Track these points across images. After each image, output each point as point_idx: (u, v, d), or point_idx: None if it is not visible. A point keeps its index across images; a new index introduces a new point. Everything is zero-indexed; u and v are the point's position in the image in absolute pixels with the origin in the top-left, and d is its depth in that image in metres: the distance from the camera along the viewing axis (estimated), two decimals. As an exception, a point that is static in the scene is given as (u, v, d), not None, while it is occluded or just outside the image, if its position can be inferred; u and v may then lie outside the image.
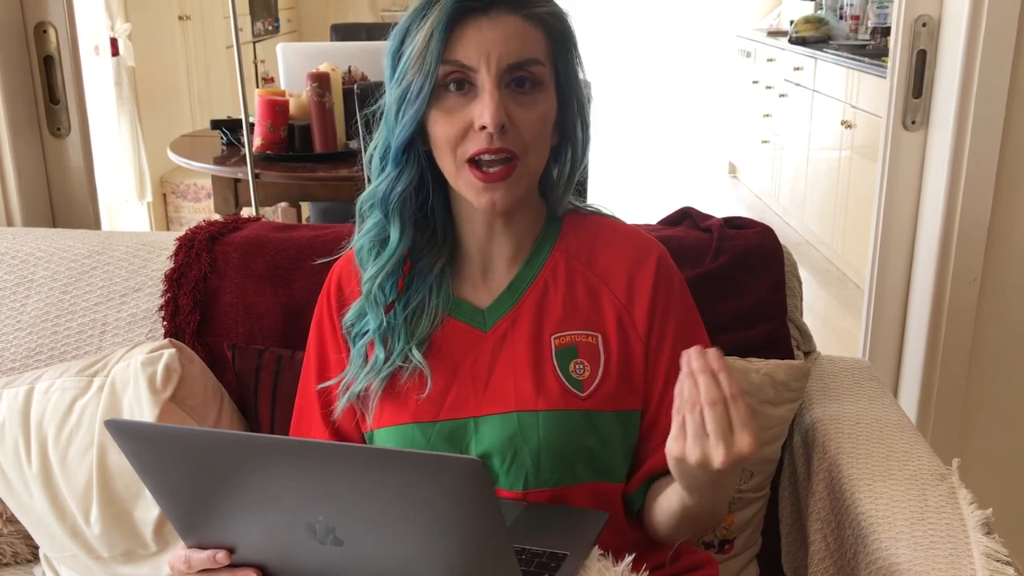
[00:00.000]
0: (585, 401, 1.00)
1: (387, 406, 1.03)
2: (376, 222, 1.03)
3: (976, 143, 1.48)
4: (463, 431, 1.00)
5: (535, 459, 0.98)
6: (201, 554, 0.87)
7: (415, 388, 1.02)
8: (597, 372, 1.01)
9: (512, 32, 0.94)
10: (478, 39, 0.93)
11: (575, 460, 0.99)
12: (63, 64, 1.68)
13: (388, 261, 1.02)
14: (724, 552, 1.28)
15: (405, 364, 1.02)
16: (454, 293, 1.05)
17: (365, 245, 1.04)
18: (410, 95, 0.95)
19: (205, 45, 4.56)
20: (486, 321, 1.03)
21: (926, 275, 1.57)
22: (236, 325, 1.36)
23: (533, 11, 0.96)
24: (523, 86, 0.95)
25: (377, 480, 0.77)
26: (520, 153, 0.95)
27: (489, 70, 0.93)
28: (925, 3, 1.51)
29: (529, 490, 0.99)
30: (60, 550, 1.31)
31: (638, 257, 1.05)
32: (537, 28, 0.96)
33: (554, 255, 1.05)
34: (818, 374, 1.35)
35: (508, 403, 1.00)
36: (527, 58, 0.94)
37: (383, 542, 0.81)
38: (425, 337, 1.03)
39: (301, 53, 3.05)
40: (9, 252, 1.44)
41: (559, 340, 1.02)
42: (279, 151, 2.64)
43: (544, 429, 0.98)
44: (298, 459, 0.80)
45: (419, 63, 0.93)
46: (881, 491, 1.06)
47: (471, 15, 0.93)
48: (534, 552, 0.91)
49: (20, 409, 1.28)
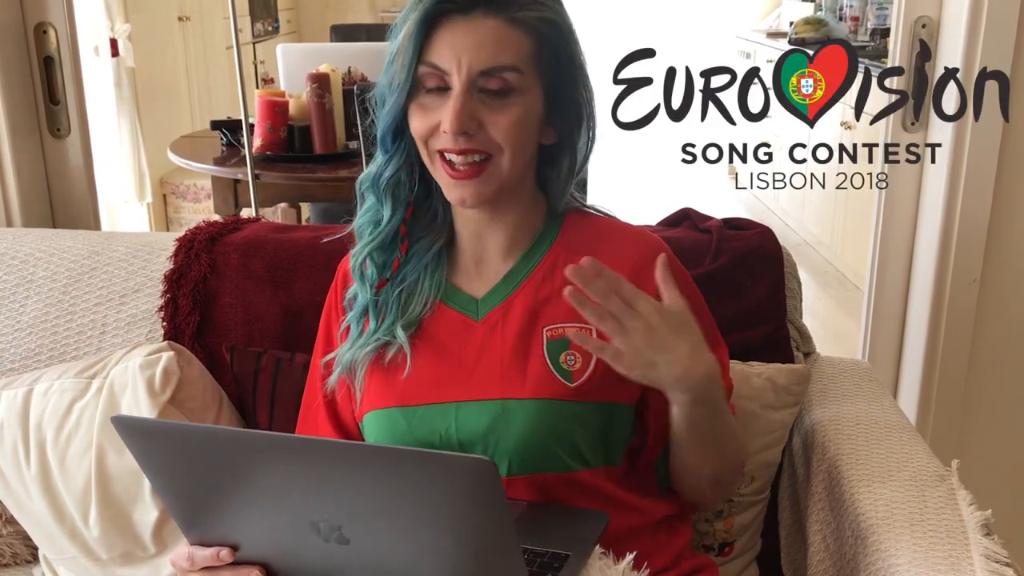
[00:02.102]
0: (573, 392, 1.00)
1: (373, 383, 1.04)
2: (372, 203, 1.06)
3: (976, 144, 1.48)
4: (444, 416, 1.00)
5: (517, 446, 0.98)
6: (204, 551, 0.87)
7: (400, 368, 1.03)
8: (588, 364, 1.00)
9: (488, 37, 0.94)
10: (451, 42, 0.94)
11: (559, 449, 0.99)
12: (63, 65, 1.67)
13: (376, 237, 1.04)
14: (724, 555, 1.28)
15: (392, 340, 1.03)
16: (448, 281, 1.06)
17: (364, 225, 1.07)
18: (393, 86, 0.98)
19: (205, 46, 4.55)
20: (479, 310, 1.04)
21: (925, 276, 1.57)
22: (236, 326, 1.36)
23: (516, 15, 0.95)
24: (496, 92, 0.95)
25: (384, 479, 0.77)
26: (491, 151, 0.96)
27: (460, 74, 0.94)
28: (925, 4, 1.51)
29: (512, 476, 0.99)
30: (59, 551, 1.30)
31: (643, 255, 1.05)
32: (520, 32, 0.95)
33: (553, 249, 1.06)
34: (817, 375, 1.35)
35: (493, 390, 1.00)
36: (500, 64, 0.94)
37: (389, 541, 0.80)
38: (415, 319, 1.04)
39: (301, 54, 3.05)
40: (9, 253, 1.44)
41: (552, 332, 1.02)
42: (279, 152, 2.64)
43: (528, 416, 0.98)
44: (305, 457, 0.80)
45: (401, 59, 0.96)
46: (881, 492, 1.05)
47: (450, 16, 0.94)
48: (536, 552, 0.91)
49: (19, 410, 1.28)
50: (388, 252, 1.05)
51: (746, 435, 1.23)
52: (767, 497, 1.30)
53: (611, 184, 5.06)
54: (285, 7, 5.68)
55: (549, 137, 1.02)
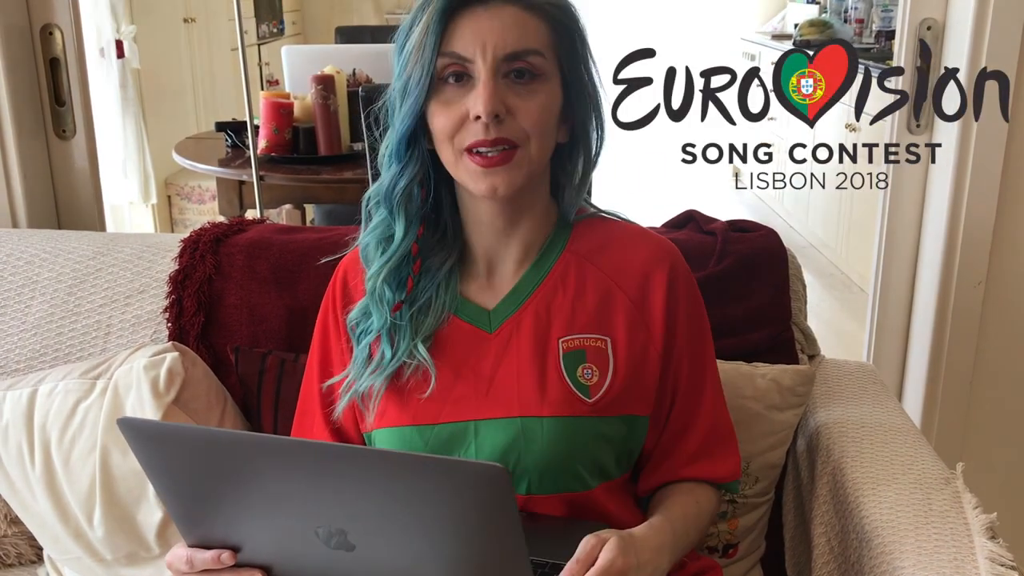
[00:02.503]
0: (592, 407, 0.99)
1: (389, 405, 1.02)
2: (382, 219, 1.03)
3: (981, 145, 1.48)
4: (463, 435, 0.99)
5: (538, 465, 0.97)
6: (205, 554, 0.86)
7: (417, 387, 1.00)
8: (606, 378, 1.00)
9: (510, 22, 0.93)
10: (474, 29, 0.93)
11: (579, 467, 0.99)
12: (69, 66, 1.68)
13: (392, 257, 1.01)
14: (728, 556, 1.28)
15: (409, 360, 1.01)
16: (460, 293, 1.04)
17: (371, 242, 1.04)
18: (409, 87, 0.95)
19: (210, 47, 4.56)
20: (491, 322, 1.03)
21: (930, 278, 1.57)
22: (240, 327, 1.36)
23: (534, 1, 0.95)
24: (522, 77, 0.94)
25: (393, 484, 0.76)
26: (520, 141, 0.95)
27: (485, 60, 0.93)
28: (930, 6, 1.50)
29: (532, 495, 0.98)
30: (63, 552, 1.31)
31: (652, 256, 1.04)
32: (538, 19, 0.95)
33: (564, 257, 1.04)
34: (822, 378, 1.35)
35: (511, 408, 0.99)
36: (525, 48, 0.94)
37: (396, 547, 0.79)
38: (430, 334, 1.02)
39: (306, 55, 3.05)
40: (14, 254, 1.44)
41: (567, 344, 1.01)
42: (283, 153, 2.64)
43: (548, 436, 0.97)
44: (311, 461, 0.78)
45: (418, 55, 0.94)
46: (885, 495, 1.05)
47: (469, 6, 0.93)
48: (537, 563, 0.90)
49: (24, 411, 1.28)
50: (401, 273, 1.02)
51: (750, 436, 1.23)
52: (771, 499, 1.30)
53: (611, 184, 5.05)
54: (290, 9, 5.70)
55: (563, 135, 1.02)
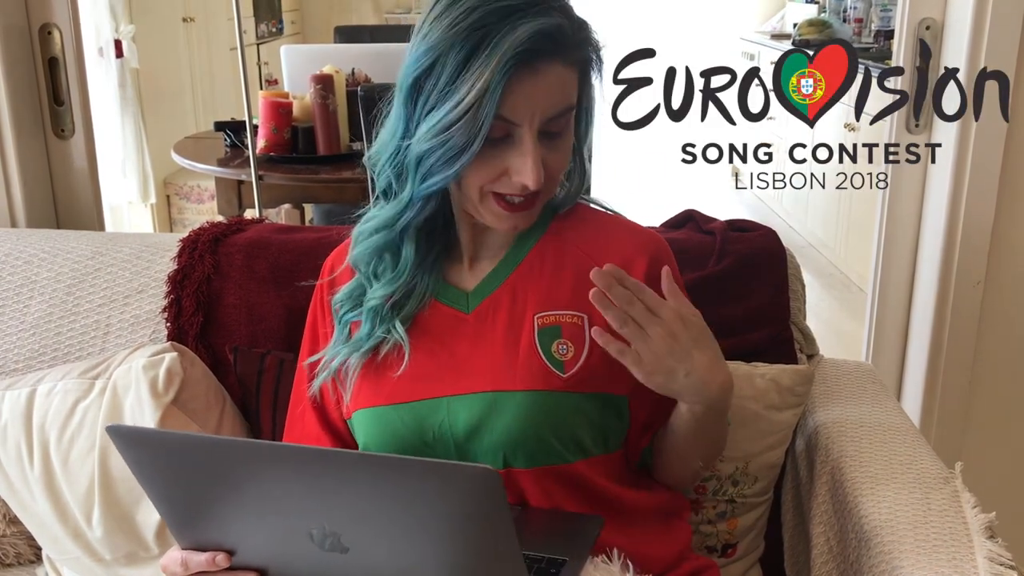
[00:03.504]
0: (566, 383, 0.99)
1: (364, 384, 1.03)
2: (385, 244, 1.03)
3: (979, 145, 1.48)
4: (435, 410, 1.00)
5: (510, 438, 0.98)
6: (200, 556, 0.86)
7: (392, 365, 1.02)
8: (581, 354, 1.00)
9: (555, 84, 0.92)
10: (526, 95, 0.91)
11: (554, 440, 0.99)
12: (67, 66, 1.68)
13: (400, 281, 1.02)
14: (727, 556, 1.28)
15: (387, 337, 1.02)
16: (442, 278, 1.06)
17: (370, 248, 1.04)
18: (451, 148, 0.91)
19: (209, 47, 4.56)
20: (469, 303, 1.04)
21: (929, 278, 1.57)
22: (239, 327, 1.36)
23: (572, 55, 0.94)
24: (555, 135, 0.95)
25: (385, 487, 0.77)
26: (545, 190, 0.98)
27: (532, 126, 0.92)
28: (929, 6, 1.50)
29: (511, 468, 0.99)
30: (62, 552, 1.31)
31: (637, 244, 1.05)
32: (574, 71, 0.95)
33: (544, 238, 1.06)
34: (821, 377, 1.35)
35: (484, 382, 1.00)
36: (564, 108, 0.94)
37: (389, 550, 0.80)
38: (409, 315, 1.03)
39: (305, 55, 3.05)
40: (13, 253, 1.44)
41: (542, 320, 1.01)
42: (282, 153, 2.64)
43: (519, 408, 0.98)
44: (304, 466, 0.79)
45: (470, 119, 0.89)
46: (884, 494, 1.05)
47: (521, 68, 0.90)
48: (533, 558, 0.90)
49: (22, 411, 1.28)
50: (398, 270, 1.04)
51: (749, 436, 1.23)
52: (770, 499, 1.30)
53: (612, 185, 5.05)
54: (289, 8, 5.70)
55: None
